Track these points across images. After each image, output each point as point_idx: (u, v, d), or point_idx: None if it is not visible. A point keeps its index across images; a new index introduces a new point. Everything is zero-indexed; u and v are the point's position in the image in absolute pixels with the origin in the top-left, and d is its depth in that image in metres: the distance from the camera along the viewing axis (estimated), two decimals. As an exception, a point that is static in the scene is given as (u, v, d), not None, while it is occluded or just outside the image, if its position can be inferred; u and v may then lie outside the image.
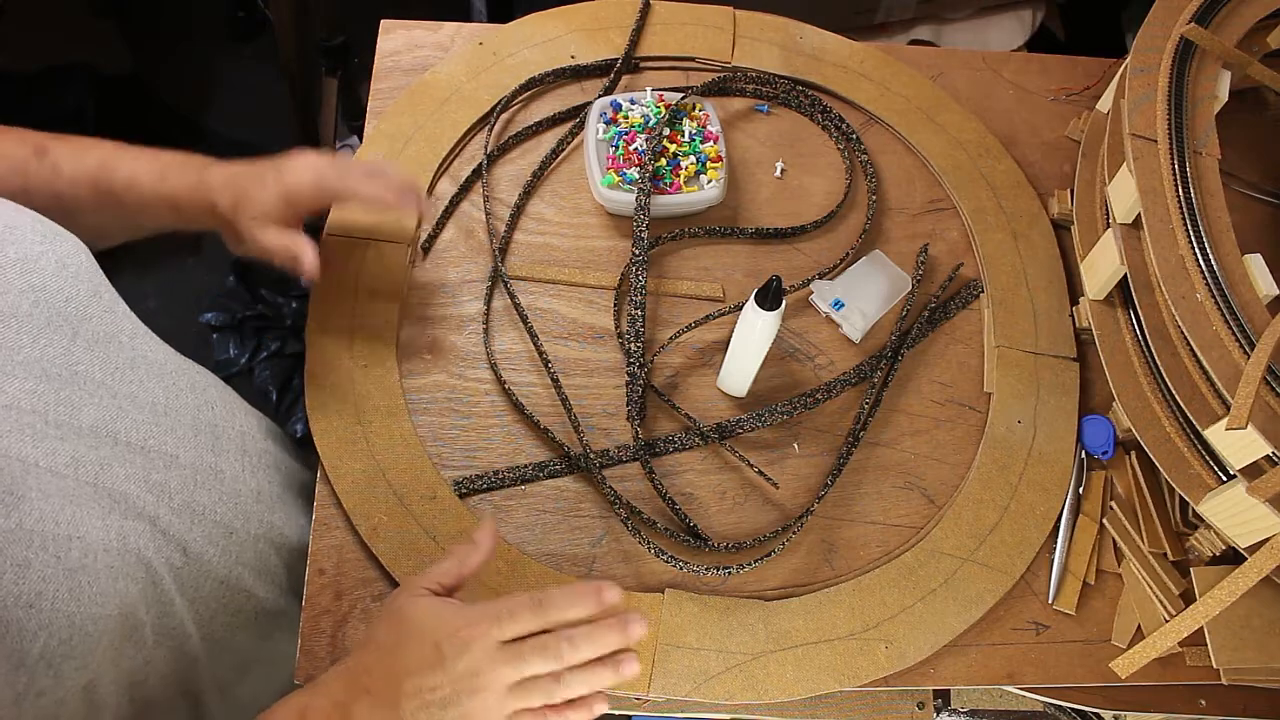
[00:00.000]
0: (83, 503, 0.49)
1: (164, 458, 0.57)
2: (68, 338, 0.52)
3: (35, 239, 0.52)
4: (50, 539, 0.46)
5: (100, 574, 0.48)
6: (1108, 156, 0.78)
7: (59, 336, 0.51)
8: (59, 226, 0.55)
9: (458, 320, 0.76)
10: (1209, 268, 0.66)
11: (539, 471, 0.70)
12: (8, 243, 0.50)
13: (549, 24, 0.89)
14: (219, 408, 0.65)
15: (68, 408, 0.51)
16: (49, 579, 0.45)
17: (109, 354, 0.55)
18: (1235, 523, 0.65)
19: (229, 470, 0.63)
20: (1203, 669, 0.68)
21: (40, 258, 0.52)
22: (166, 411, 0.58)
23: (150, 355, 0.59)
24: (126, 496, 0.53)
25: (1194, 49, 0.75)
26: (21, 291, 0.50)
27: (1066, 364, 0.78)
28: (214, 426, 0.63)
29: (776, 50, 0.90)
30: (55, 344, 0.51)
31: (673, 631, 0.65)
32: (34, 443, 0.48)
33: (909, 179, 0.86)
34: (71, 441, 0.50)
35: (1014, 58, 0.97)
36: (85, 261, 0.55)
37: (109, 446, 0.53)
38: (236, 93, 1.82)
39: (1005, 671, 0.68)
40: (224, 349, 1.60)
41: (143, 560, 0.52)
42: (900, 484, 0.73)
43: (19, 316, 0.49)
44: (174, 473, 0.57)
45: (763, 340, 0.66)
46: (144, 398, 0.57)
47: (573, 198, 0.82)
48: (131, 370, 0.56)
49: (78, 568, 0.47)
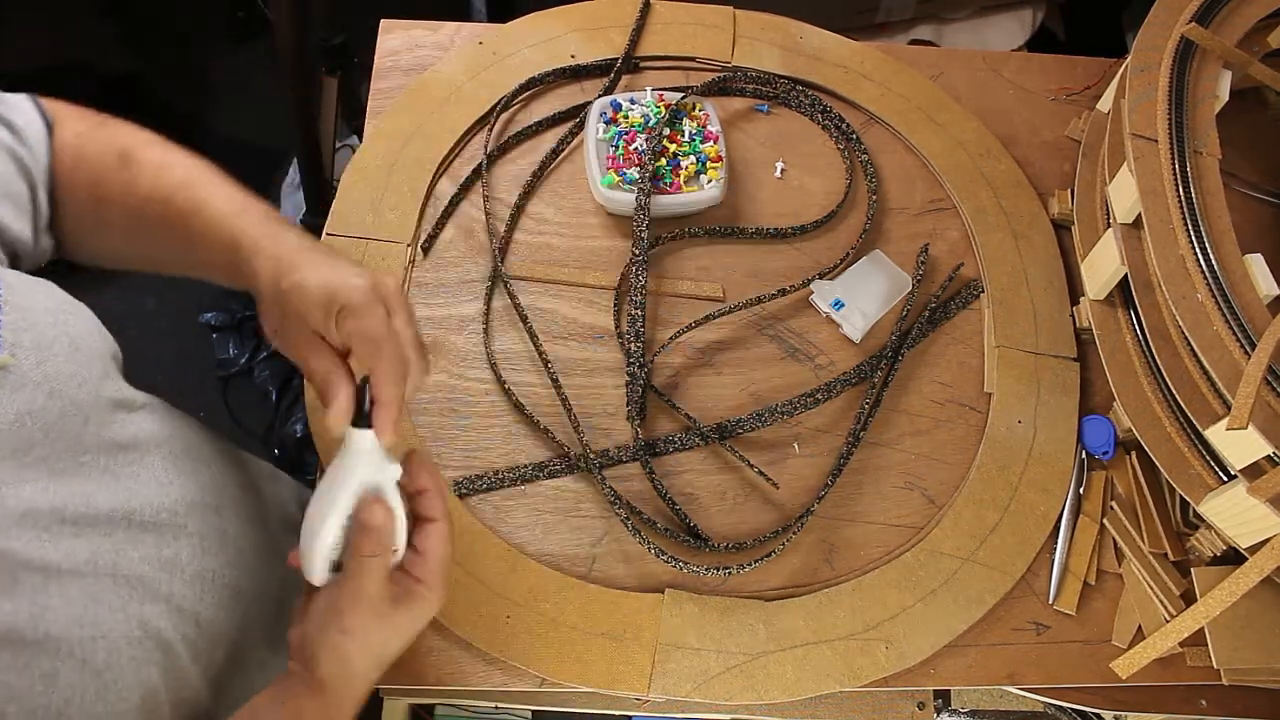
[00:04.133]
0: (103, 598, 0.49)
1: (173, 529, 0.55)
2: (78, 426, 0.50)
3: (49, 321, 0.50)
4: (76, 644, 0.46)
5: (124, 669, 0.48)
6: (1108, 156, 0.78)
7: (70, 426, 0.49)
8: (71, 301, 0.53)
9: (457, 320, 0.76)
10: (1209, 268, 0.66)
11: (539, 471, 0.70)
12: (22, 329, 0.48)
13: (549, 24, 0.89)
14: (215, 464, 0.62)
15: (81, 499, 0.49)
16: (76, 685, 0.45)
17: (114, 436, 0.53)
18: (1236, 523, 0.65)
19: (232, 529, 0.61)
20: (1203, 669, 0.68)
21: (54, 342, 0.49)
22: (170, 480, 0.56)
23: (149, 426, 0.56)
24: (143, 580, 0.52)
25: (1194, 49, 0.75)
26: (37, 384, 0.48)
27: (1067, 364, 0.78)
28: (213, 486, 0.61)
29: (776, 50, 0.90)
30: (66, 436, 0.49)
31: (673, 631, 0.65)
32: (53, 544, 0.47)
33: (909, 179, 0.86)
34: (87, 535, 0.49)
35: (1014, 58, 0.97)
36: (98, 339, 0.53)
37: (122, 530, 0.51)
38: (236, 93, 1.82)
39: (1005, 672, 0.68)
40: (224, 349, 1.60)
41: (161, 642, 0.52)
42: (900, 484, 0.73)
43: (34, 413, 0.47)
44: (183, 543, 0.56)
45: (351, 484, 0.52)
46: (147, 473, 0.55)
47: (573, 198, 0.82)
48: (134, 449, 0.54)
49: (103, 668, 0.47)
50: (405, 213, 0.78)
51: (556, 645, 0.64)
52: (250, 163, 1.74)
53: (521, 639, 0.64)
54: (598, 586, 0.66)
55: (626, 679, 0.64)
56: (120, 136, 0.60)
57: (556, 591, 0.66)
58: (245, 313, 1.62)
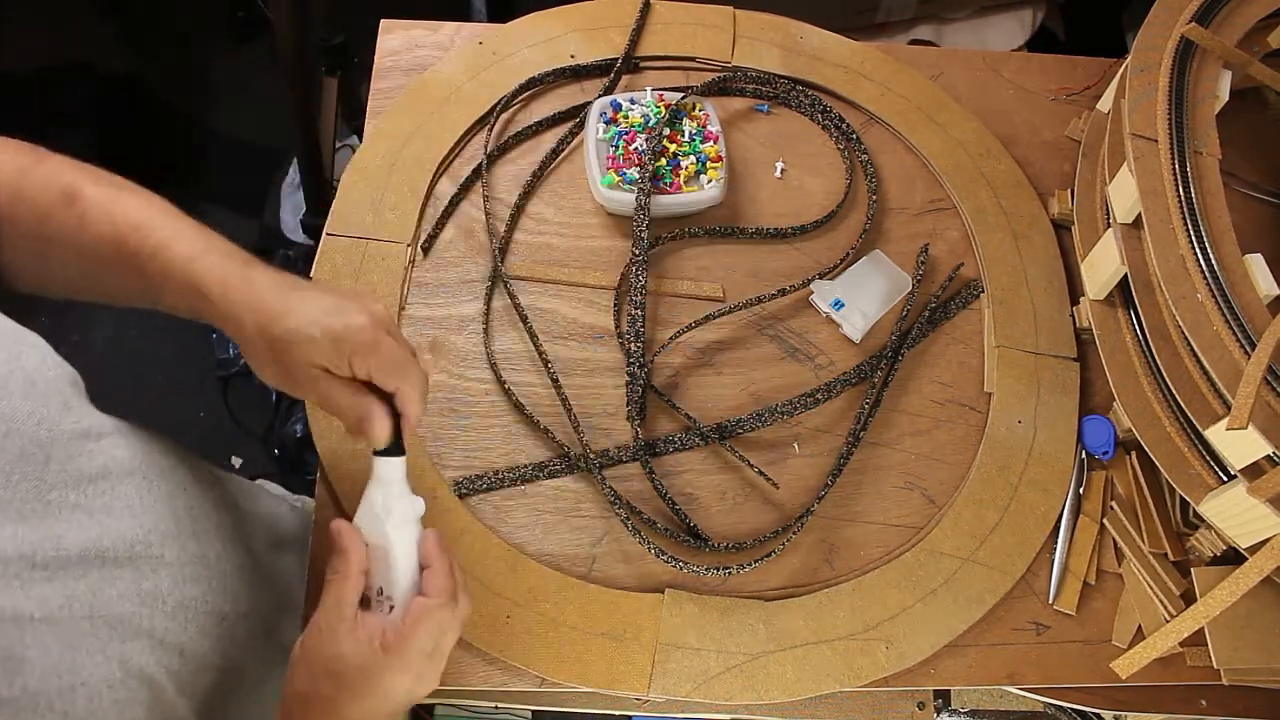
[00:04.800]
0: (81, 643, 0.48)
1: (150, 561, 0.53)
2: (40, 465, 0.48)
3: (1, 359, 0.47)
4: (55, 695, 0.45)
5: (107, 713, 0.47)
6: (1108, 156, 0.78)
7: (32, 467, 0.47)
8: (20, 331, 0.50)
9: (457, 320, 0.76)
10: (1209, 268, 0.66)
11: (539, 471, 0.70)
12: None
13: (549, 24, 0.89)
14: (191, 488, 0.60)
15: (51, 542, 0.47)
16: None
17: (81, 469, 0.50)
18: (1236, 523, 0.65)
19: (211, 554, 0.60)
20: (1203, 669, 0.68)
21: (8, 380, 0.47)
22: (144, 510, 0.55)
23: (118, 455, 0.54)
24: (122, 618, 0.51)
25: (1194, 49, 0.75)
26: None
27: (1067, 364, 0.78)
28: (190, 510, 0.59)
29: (776, 50, 0.90)
30: (29, 477, 0.47)
31: (673, 631, 0.65)
32: (24, 592, 0.45)
33: (909, 179, 0.86)
34: (60, 578, 0.47)
35: (1014, 58, 0.97)
36: (54, 370, 0.51)
37: (97, 569, 0.50)
38: (236, 93, 1.82)
39: (1005, 672, 0.68)
40: (224, 349, 1.60)
41: (145, 678, 0.51)
42: (900, 484, 0.73)
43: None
44: (162, 574, 0.54)
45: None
46: (120, 504, 0.53)
47: (573, 198, 0.82)
48: (104, 480, 0.52)
49: (85, 716, 0.46)
50: (405, 213, 0.78)
51: (556, 645, 0.64)
52: (250, 163, 1.74)
53: (521, 639, 0.64)
54: (598, 586, 0.66)
55: (626, 679, 0.64)
56: (63, 173, 0.56)
57: (556, 591, 0.66)
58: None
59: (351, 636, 0.51)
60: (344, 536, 0.53)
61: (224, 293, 0.52)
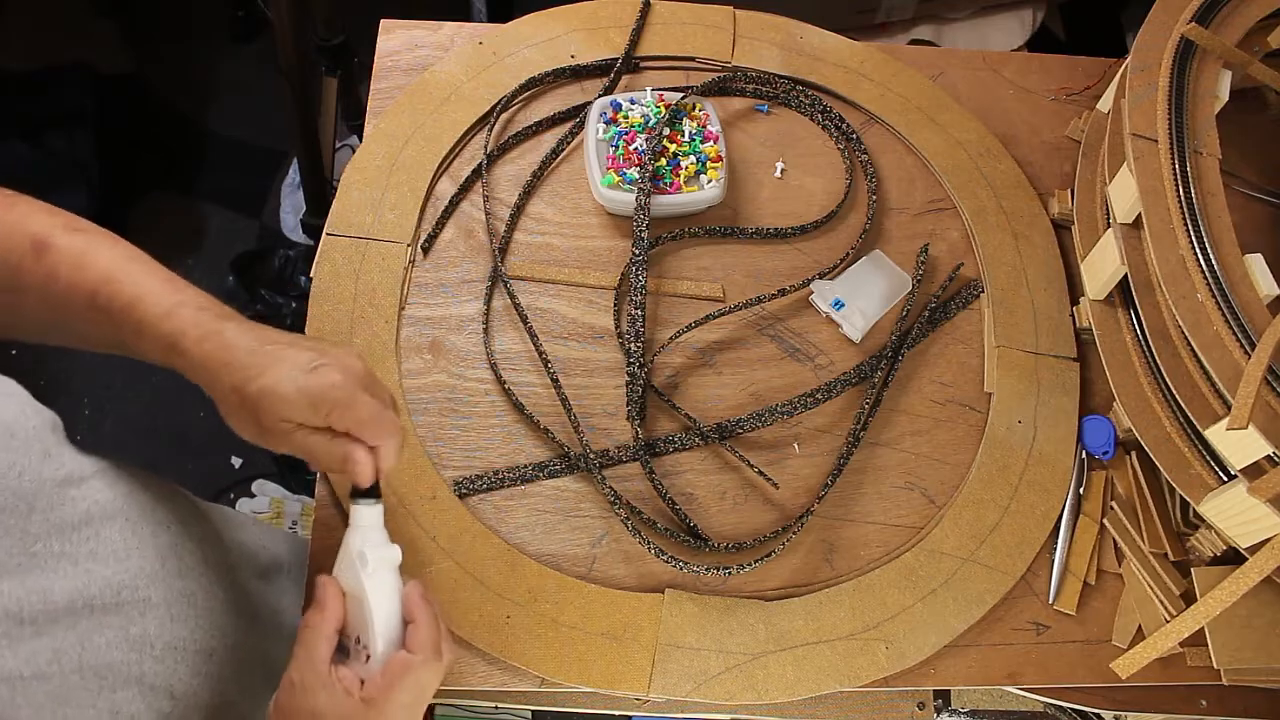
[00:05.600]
0: (71, 696, 0.47)
1: (137, 605, 0.53)
2: (24, 517, 0.47)
3: None
4: None
5: None
6: (1108, 156, 0.78)
7: (15, 521, 0.47)
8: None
9: (457, 320, 0.76)
10: (1209, 268, 0.66)
11: (539, 471, 0.70)
12: None
13: (549, 24, 0.89)
14: (174, 525, 0.59)
15: (38, 595, 0.47)
16: None
17: (64, 517, 0.50)
18: (1236, 523, 0.65)
19: (200, 591, 0.59)
20: (1203, 669, 0.68)
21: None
22: (129, 553, 0.54)
23: (100, 498, 0.53)
24: (111, 667, 0.50)
25: (1194, 49, 0.75)
26: None
27: (1067, 364, 0.78)
28: (174, 547, 0.58)
29: (776, 50, 0.90)
30: (12, 530, 0.46)
31: (673, 631, 0.65)
32: (12, 651, 0.45)
33: (909, 179, 0.86)
34: (48, 633, 0.47)
35: (1014, 58, 0.97)
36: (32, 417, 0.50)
37: (85, 618, 0.49)
38: (236, 93, 1.82)
39: (1006, 672, 0.68)
40: (224, 349, 1.60)
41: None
42: (900, 484, 0.73)
43: None
44: (150, 617, 0.54)
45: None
46: (104, 549, 0.52)
47: (573, 198, 0.82)
48: (87, 526, 0.51)
49: None
50: (405, 213, 0.78)
51: (556, 645, 0.64)
52: (250, 163, 1.74)
53: (521, 639, 0.64)
54: (598, 586, 0.66)
55: (626, 679, 0.64)
56: (33, 222, 0.54)
57: (556, 591, 0.66)
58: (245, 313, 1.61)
59: (327, 690, 0.50)
60: (322, 589, 0.53)
61: (199, 350, 0.52)
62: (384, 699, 0.50)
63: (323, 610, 0.52)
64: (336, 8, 1.33)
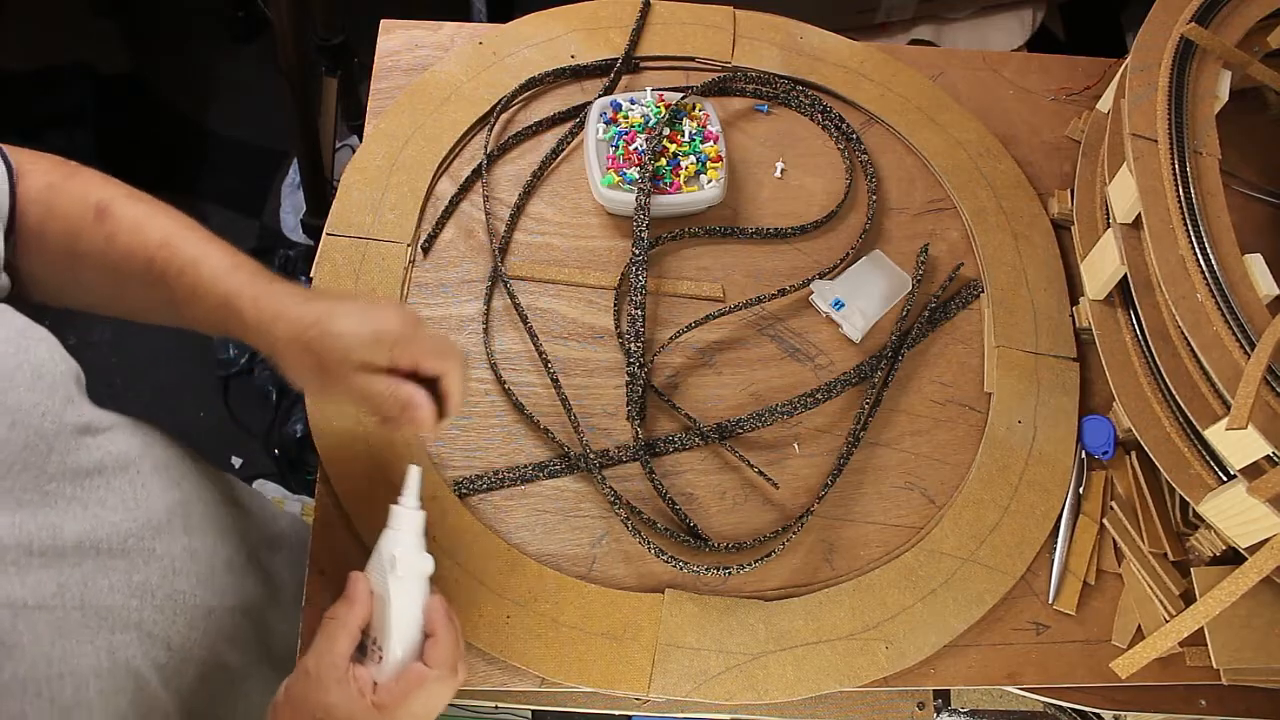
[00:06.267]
0: (71, 631, 0.48)
1: (142, 554, 0.55)
2: (43, 456, 0.49)
3: (9, 351, 0.49)
4: (43, 682, 0.45)
5: (93, 703, 0.48)
6: (1108, 156, 0.78)
7: (35, 458, 0.49)
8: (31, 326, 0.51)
9: (457, 320, 0.76)
10: (1209, 268, 0.66)
11: (539, 471, 0.70)
12: None
13: (549, 24, 0.89)
14: (185, 483, 0.61)
15: (48, 531, 0.48)
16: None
17: (79, 463, 0.52)
18: (1235, 523, 0.65)
19: (202, 547, 0.61)
20: (1203, 669, 0.68)
21: (15, 372, 0.48)
22: (138, 504, 0.56)
23: (115, 450, 0.55)
24: (112, 610, 0.51)
25: (1194, 49, 0.75)
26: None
27: (1067, 364, 0.78)
28: (183, 504, 0.60)
29: (776, 50, 0.90)
30: (31, 467, 0.48)
31: (673, 631, 0.65)
32: (20, 579, 0.46)
33: (909, 179, 0.86)
34: (55, 566, 0.48)
35: (1014, 58, 0.97)
36: (60, 365, 0.52)
37: (91, 560, 0.51)
38: (236, 93, 1.82)
39: (1005, 672, 0.68)
40: (224, 349, 1.60)
41: (131, 670, 0.52)
42: (900, 484, 0.73)
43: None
44: (153, 567, 0.55)
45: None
46: (114, 499, 0.54)
47: (573, 198, 0.82)
48: (100, 475, 0.53)
49: (72, 704, 0.46)
50: (405, 213, 0.78)
51: (556, 645, 0.64)
52: (250, 163, 1.74)
53: (521, 639, 0.64)
54: (598, 586, 0.66)
55: (626, 679, 0.64)
56: (94, 189, 0.57)
57: (556, 591, 0.66)
58: (245, 313, 1.62)
59: (341, 686, 0.50)
60: (352, 584, 0.54)
61: (254, 309, 0.54)
62: (394, 706, 0.50)
63: (351, 606, 0.53)
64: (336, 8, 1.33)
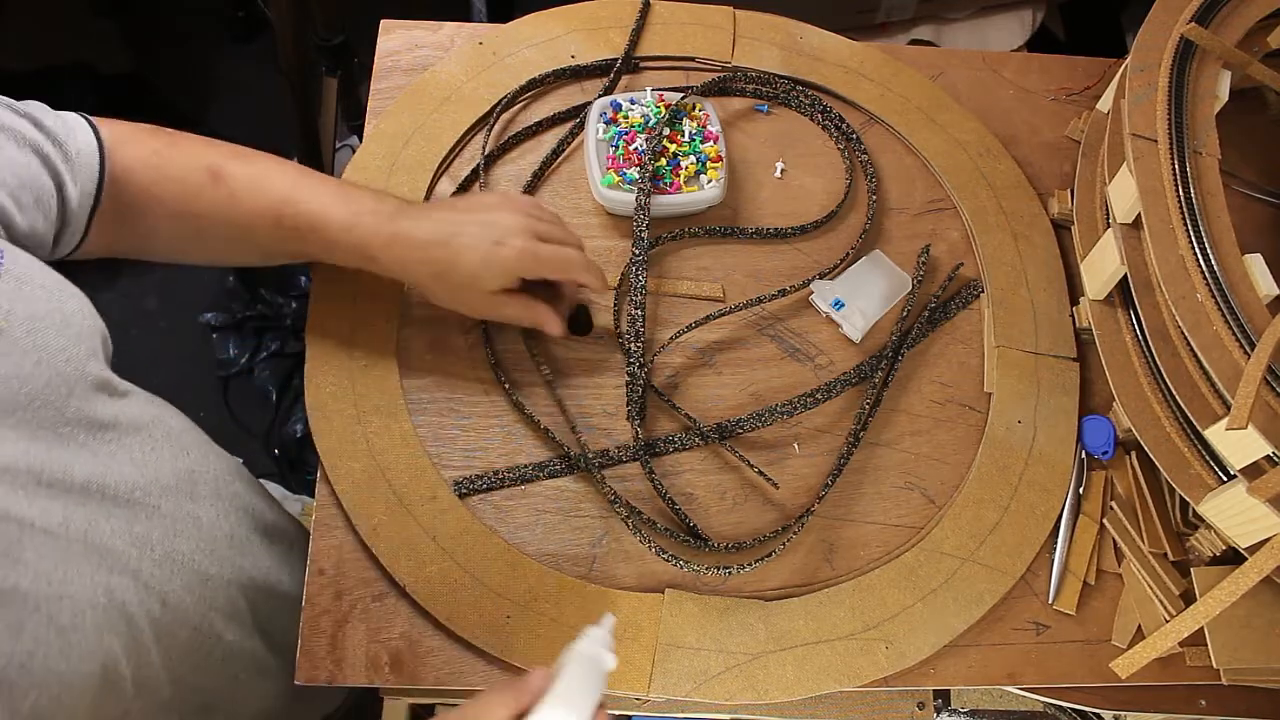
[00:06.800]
0: (73, 560, 0.50)
1: (146, 509, 0.56)
2: (62, 398, 0.51)
3: (43, 296, 0.52)
4: (43, 599, 0.46)
5: (88, 632, 0.49)
6: (1108, 156, 0.78)
7: (54, 397, 0.51)
8: (66, 282, 0.55)
9: (458, 320, 0.76)
10: (1209, 268, 0.66)
11: (539, 471, 0.70)
12: (18, 300, 0.50)
13: (549, 24, 0.89)
14: (194, 453, 0.64)
15: (60, 467, 0.51)
16: (41, 640, 0.45)
17: (95, 415, 0.54)
18: (1235, 523, 0.65)
19: (205, 516, 0.62)
20: (1203, 669, 0.68)
21: (48, 315, 0.51)
22: (148, 463, 0.58)
23: (130, 410, 0.58)
24: (112, 552, 0.53)
25: (1194, 49, 0.75)
26: (25, 352, 0.49)
27: (1066, 364, 0.78)
28: (191, 473, 0.62)
29: (776, 50, 0.90)
30: (50, 405, 0.51)
31: (673, 631, 0.65)
32: (29, 502, 0.48)
33: (909, 179, 0.86)
34: (62, 499, 0.50)
35: (1014, 58, 0.97)
36: (88, 320, 0.55)
37: (96, 502, 0.53)
38: (236, 93, 1.82)
39: (1005, 672, 0.68)
40: (224, 349, 1.60)
41: (125, 614, 0.53)
42: (900, 484, 0.73)
43: (21, 377, 0.49)
44: (155, 523, 0.57)
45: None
46: (125, 454, 0.56)
47: (573, 198, 0.82)
48: (113, 430, 0.56)
49: (68, 627, 0.47)
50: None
51: (556, 645, 0.64)
52: (250, 163, 1.74)
53: (521, 639, 0.64)
54: (598, 586, 0.66)
55: (626, 679, 0.64)
56: (202, 153, 0.63)
57: (556, 591, 0.66)
58: (245, 313, 1.62)
59: None
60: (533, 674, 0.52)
61: (388, 255, 0.63)
62: None
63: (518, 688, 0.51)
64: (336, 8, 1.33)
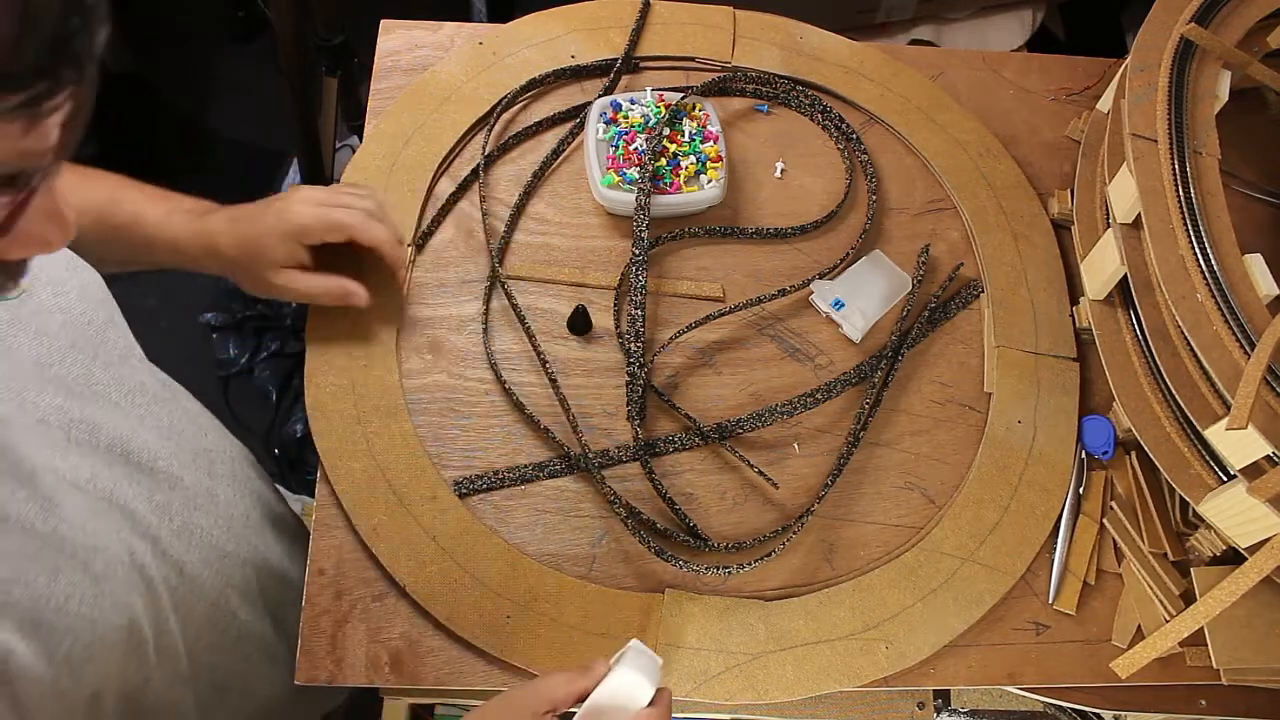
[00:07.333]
0: (102, 516, 0.51)
1: (168, 479, 0.58)
2: (88, 358, 0.54)
3: (62, 264, 0.54)
4: (79, 547, 0.47)
5: (118, 585, 0.50)
6: (1108, 156, 0.78)
7: (81, 356, 0.53)
8: (75, 256, 0.57)
9: (457, 320, 0.76)
10: (1209, 268, 0.66)
11: (539, 471, 0.70)
12: (39, 265, 0.51)
13: (549, 24, 0.89)
14: (211, 434, 0.67)
15: (88, 426, 0.52)
16: (76, 584, 0.46)
17: (122, 377, 0.56)
18: (1235, 523, 0.65)
19: (223, 494, 0.64)
20: (1203, 669, 0.68)
21: (66, 281, 0.54)
22: (169, 435, 0.60)
23: (151, 382, 0.61)
24: (135, 515, 0.54)
25: (1194, 49, 0.75)
26: (50, 312, 0.52)
27: (1066, 364, 0.78)
28: (209, 452, 0.64)
29: (776, 50, 0.90)
30: (78, 364, 0.53)
31: (673, 631, 0.65)
32: (61, 456, 0.50)
33: (909, 179, 0.86)
34: (90, 458, 0.52)
35: (1014, 58, 0.97)
36: (103, 291, 0.58)
37: (122, 465, 0.54)
38: (236, 93, 1.82)
39: (1005, 671, 0.68)
40: (224, 349, 1.60)
41: (146, 577, 0.53)
42: (900, 484, 0.73)
43: (49, 334, 0.51)
44: (176, 494, 0.58)
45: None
46: (150, 421, 0.58)
47: (573, 198, 0.82)
48: (140, 394, 0.58)
49: (101, 576, 0.48)
50: (405, 213, 0.78)
51: (556, 645, 0.64)
52: (250, 163, 1.74)
53: (521, 639, 0.64)
54: (598, 586, 0.66)
55: (626, 679, 0.64)
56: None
57: (556, 591, 0.66)
58: (245, 313, 1.62)
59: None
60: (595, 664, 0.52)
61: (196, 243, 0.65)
62: None
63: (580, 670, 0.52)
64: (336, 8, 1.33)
